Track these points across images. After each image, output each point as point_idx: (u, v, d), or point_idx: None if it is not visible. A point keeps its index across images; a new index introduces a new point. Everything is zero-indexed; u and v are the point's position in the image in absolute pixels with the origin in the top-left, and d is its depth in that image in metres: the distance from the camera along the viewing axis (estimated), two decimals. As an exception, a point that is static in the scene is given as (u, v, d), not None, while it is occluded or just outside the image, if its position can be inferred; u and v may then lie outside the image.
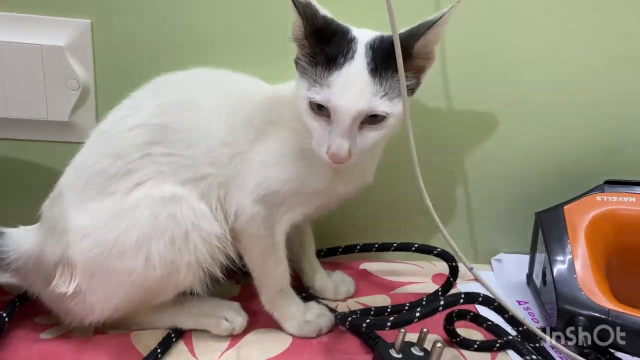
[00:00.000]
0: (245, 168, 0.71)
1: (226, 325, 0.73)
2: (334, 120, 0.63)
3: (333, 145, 0.62)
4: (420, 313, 0.67)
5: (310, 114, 0.64)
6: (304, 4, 0.62)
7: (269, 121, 0.72)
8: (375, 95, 0.62)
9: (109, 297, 0.68)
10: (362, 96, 0.62)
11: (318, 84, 0.63)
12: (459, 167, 0.95)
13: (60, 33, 0.81)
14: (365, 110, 0.62)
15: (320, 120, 0.64)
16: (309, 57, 0.64)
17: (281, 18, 0.71)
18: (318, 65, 0.63)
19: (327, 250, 0.93)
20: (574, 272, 0.76)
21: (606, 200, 0.82)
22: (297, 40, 0.65)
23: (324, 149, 0.64)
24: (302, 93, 0.65)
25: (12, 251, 0.70)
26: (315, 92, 0.63)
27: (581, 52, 0.90)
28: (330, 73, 0.62)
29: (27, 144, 0.86)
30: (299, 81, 0.66)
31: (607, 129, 0.93)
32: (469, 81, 0.90)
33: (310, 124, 0.65)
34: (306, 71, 0.64)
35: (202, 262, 0.69)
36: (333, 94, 0.62)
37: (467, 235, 0.99)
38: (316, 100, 0.63)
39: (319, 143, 0.65)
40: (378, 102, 0.62)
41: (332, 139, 0.63)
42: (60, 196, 0.70)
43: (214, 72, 0.77)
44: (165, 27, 0.84)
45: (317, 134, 0.65)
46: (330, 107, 0.62)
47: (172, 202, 0.67)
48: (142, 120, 0.70)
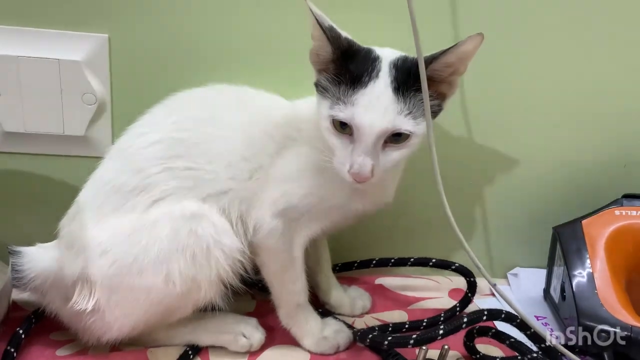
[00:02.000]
0: (265, 182, 0.71)
1: (244, 341, 0.72)
2: (357, 139, 0.62)
3: (356, 164, 0.62)
4: (443, 330, 0.66)
5: (332, 132, 0.64)
6: (329, 29, 0.63)
7: (288, 137, 0.72)
8: (399, 114, 0.62)
9: (128, 315, 0.67)
10: (387, 115, 0.61)
11: (342, 102, 0.62)
12: (476, 182, 0.95)
13: (77, 48, 0.81)
14: (389, 129, 0.61)
15: (342, 138, 0.64)
16: (333, 75, 0.64)
17: (298, 33, 0.72)
18: (342, 84, 0.63)
19: (342, 265, 0.92)
20: (594, 287, 0.75)
21: (625, 214, 0.82)
22: (321, 64, 0.65)
23: (345, 168, 0.63)
24: (324, 111, 0.64)
25: (30, 270, 0.69)
26: (339, 109, 0.62)
27: (597, 64, 0.90)
28: (354, 91, 0.62)
29: (44, 159, 0.86)
30: (320, 100, 0.65)
31: (624, 142, 0.93)
32: (485, 96, 0.89)
33: (332, 142, 0.64)
34: (328, 90, 0.64)
35: (223, 277, 0.68)
36: (357, 112, 0.61)
37: (483, 249, 0.98)
38: (339, 118, 0.62)
39: (341, 161, 0.64)
40: (402, 121, 0.62)
41: (354, 157, 0.62)
42: (78, 213, 0.69)
43: (232, 87, 0.77)
44: (182, 41, 0.84)
45: (339, 152, 0.64)
46: (354, 125, 0.62)
47: (193, 219, 0.66)
48: (162, 135, 0.70)
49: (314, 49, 0.65)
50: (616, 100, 0.91)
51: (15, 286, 0.72)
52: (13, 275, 0.70)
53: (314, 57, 0.66)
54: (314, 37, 0.64)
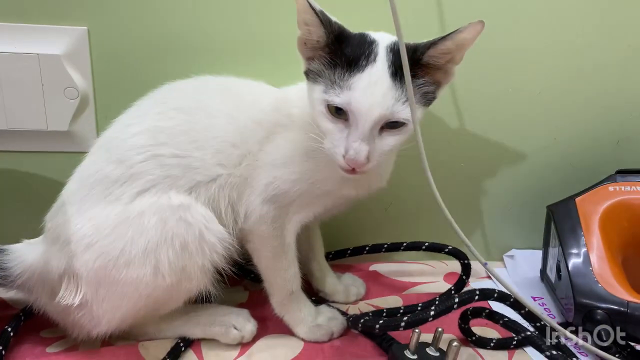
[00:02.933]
0: (255, 168, 0.70)
1: (235, 333, 0.71)
2: (352, 124, 0.61)
3: (351, 150, 0.60)
4: (434, 312, 0.65)
5: (327, 117, 0.62)
6: (320, 12, 0.61)
7: (277, 123, 0.71)
8: (397, 101, 0.60)
9: (117, 308, 0.66)
10: (385, 101, 0.60)
11: (337, 86, 0.61)
12: (468, 164, 0.93)
13: (57, 41, 0.80)
14: (386, 115, 0.60)
15: (337, 123, 0.62)
16: (328, 59, 0.62)
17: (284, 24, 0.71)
18: (337, 67, 0.61)
19: (335, 252, 0.91)
20: (589, 265, 0.74)
21: (619, 190, 0.81)
22: (311, 51, 0.64)
23: (340, 153, 0.61)
24: (317, 95, 0.63)
25: (16, 267, 0.69)
26: (334, 94, 0.61)
27: (589, 44, 0.89)
28: (351, 75, 0.60)
29: (28, 156, 0.85)
30: (312, 86, 0.64)
31: (616, 119, 0.92)
32: (476, 75, 0.88)
33: (327, 127, 0.63)
34: (322, 74, 0.62)
35: (217, 263, 0.68)
36: (354, 97, 0.59)
37: (479, 233, 0.97)
38: (335, 103, 0.61)
39: (335, 146, 0.62)
40: (400, 108, 0.60)
41: (350, 142, 0.60)
42: (62, 206, 0.68)
43: (218, 78, 0.76)
44: (162, 32, 0.82)
45: (333, 137, 0.62)
46: (350, 110, 0.60)
47: (181, 208, 0.66)
48: (146, 126, 0.69)
49: (303, 35, 0.63)
50: (608, 78, 0.90)
51: (1, 285, 0.71)
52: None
53: (302, 46, 0.64)
54: (306, 23, 0.62)
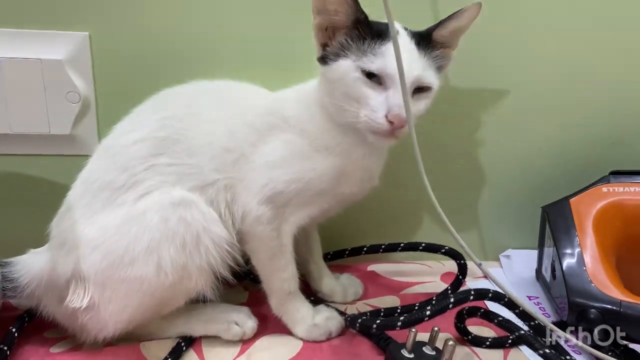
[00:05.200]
0: (250, 170, 0.71)
1: (237, 329, 0.72)
2: (390, 86, 0.65)
3: (395, 107, 0.63)
4: (430, 311, 0.67)
5: (363, 81, 0.66)
6: None
7: (272, 125, 0.73)
8: (425, 66, 0.67)
9: (122, 308, 0.67)
10: (418, 64, 0.67)
11: (370, 54, 0.65)
12: (463, 165, 0.95)
13: (59, 46, 0.81)
14: (421, 76, 0.66)
15: (375, 88, 0.66)
16: (355, 34, 0.66)
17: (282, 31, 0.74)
18: (366, 39, 0.66)
19: (333, 253, 0.93)
20: (583, 265, 0.75)
21: (612, 191, 0.82)
22: (334, 31, 0.68)
23: (381, 115, 0.64)
24: (348, 66, 0.66)
25: (23, 276, 0.70)
26: (368, 61, 0.65)
27: (583, 46, 0.90)
28: (382, 43, 0.65)
29: (31, 159, 0.86)
30: (335, 63, 0.67)
31: (610, 121, 0.93)
32: (471, 78, 0.90)
33: (364, 92, 0.66)
34: (349, 48, 0.66)
35: (213, 265, 0.69)
36: (390, 61, 0.63)
37: (475, 233, 0.99)
38: (371, 69, 0.65)
39: (375, 111, 0.65)
40: (428, 73, 0.68)
41: (393, 100, 0.64)
42: (68, 212, 0.70)
43: (214, 83, 0.78)
44: (163, 37, 0.84)
45: (372, 103, 0.65)
46: (386, 75, 0.64)
47: (182, 206, 0.67)
48: (145, 134, 0.71)
49: (323, 21, 0.68)
50: (602, 80, 0.92)
51: (8, 297, 0.71)
52: (6, 285, 0.70)
53: (321, 32, 0.68)
54: (330, 3, 0.66)
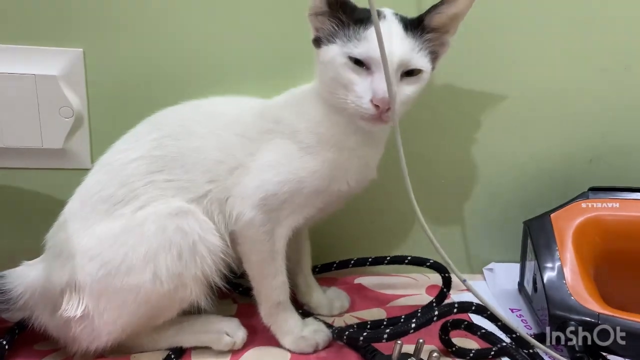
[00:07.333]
0: (244, 174, 0.73)
1: (228, 339, 0.73)
2: (375, 70, 0.65)
3: (380, 90, 0.63)
4: (415, 324, 0.68)
5: (349, 66, 0.66)
6: None
7: (263, 130, 0.74)
8: (412, 50, 0.66)
9: (117, 318, 0.68)
10: (402, 47, 0.66)
11: (355, 39, 0.66)
12: (448, 180, 0.97)
13: (53, 62, 0.82)
14: (406, 59, 0.66)
15: (360, 73, 0.66)
16: (339, 19, 0.67)
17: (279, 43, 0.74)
18: (350, 25, 0.66)
19: (322, 266, 0.94)
20: (563, 278, 0.77)
21: (591, 206, 0.84)
22: (323, 17, 0.68)
23: (367, 99, 0.65)
24: (335, 52, 0.67)
25: (16, 288, 0.70)
26: (353, 46, 0.65)
27: (565, 64, 0.93)
28: (366, 28, 0.65)
29: (23, 172, 0.87)
30: (325, 48, 0.68)
31: (589, 138, 0.96)
32: (456, 94, 0.92)
33: (350, 77, 0.66)
34: (336, 35, 0.67)
35: (208, 274, 0.70)
36: (373, 46, 0.63)
37: (460, 247, 1.01)
38: (355, 54, 0.65)
39: (361, 97, 0.66)
40: (416, 56, 0.67)
41: (377, 84, 0.64)
42: (65, 223, 0.71)
43: (203, 101, 0.80)
44: (156, 54, 0.86)
45: (358, 88, 0.66)
46: (370, 58, 0.64)
47: (179, 216, 0.69)
48: (143, 152, 0.73)
49: (315, 7, 0.69)
50: (582, 99, 0.95)
51: (4, 310, 0.71)
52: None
53: (313, 17, 0.69)
54: None
